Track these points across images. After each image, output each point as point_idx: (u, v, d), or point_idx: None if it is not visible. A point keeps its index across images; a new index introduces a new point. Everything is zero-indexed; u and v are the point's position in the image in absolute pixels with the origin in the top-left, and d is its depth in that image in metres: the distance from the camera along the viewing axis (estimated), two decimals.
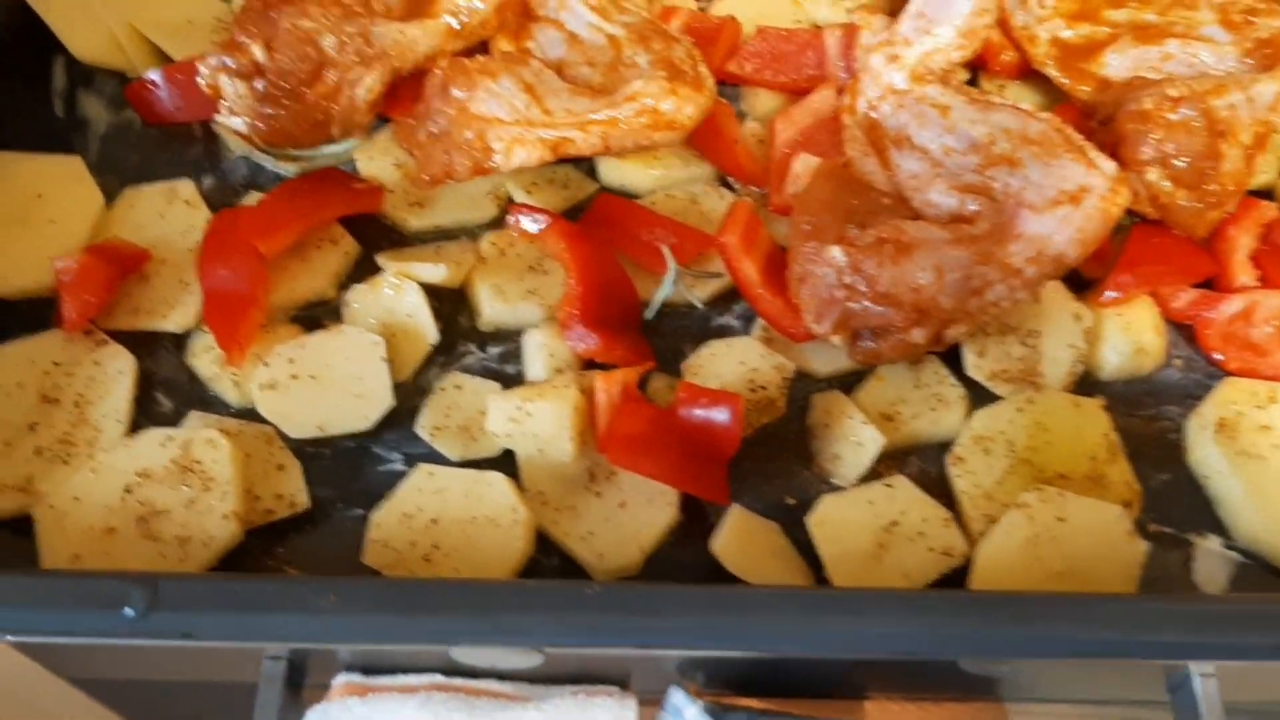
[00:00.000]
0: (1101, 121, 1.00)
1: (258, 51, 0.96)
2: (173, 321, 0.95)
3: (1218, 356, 0.96)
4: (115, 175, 1.06)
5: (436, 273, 0.96)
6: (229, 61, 0.97)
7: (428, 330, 0.95)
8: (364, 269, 0.99)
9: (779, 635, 0.73)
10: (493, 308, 0.96)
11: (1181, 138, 0.94)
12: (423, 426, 0.91)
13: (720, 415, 0.86)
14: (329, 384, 0.90)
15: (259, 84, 0.97)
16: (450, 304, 0.98)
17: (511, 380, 0.95)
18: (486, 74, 0.92)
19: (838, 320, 0.88)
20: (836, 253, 0.86)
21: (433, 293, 0.97)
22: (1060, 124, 0.93)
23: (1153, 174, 0.95)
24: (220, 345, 0.91)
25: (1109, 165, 0.89)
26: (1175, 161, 0.95)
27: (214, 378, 0.93)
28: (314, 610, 0.71)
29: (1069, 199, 0.88)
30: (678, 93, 0.94)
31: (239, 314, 0.91)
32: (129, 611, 0.69)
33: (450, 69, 0.92)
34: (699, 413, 0.86)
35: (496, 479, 0.87)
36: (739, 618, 0.72)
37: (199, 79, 1.00)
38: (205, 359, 0.93)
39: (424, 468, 0.88)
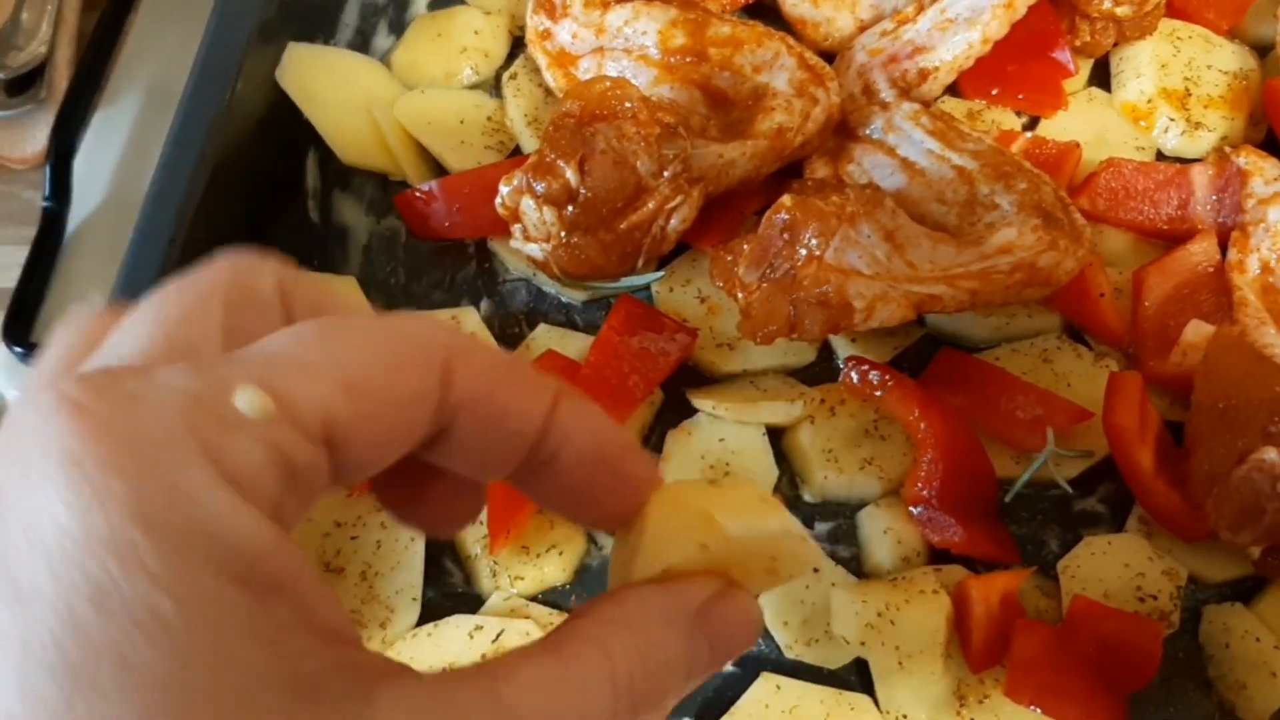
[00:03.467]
0: None
1: (571, 175, 0.85)
2: None
3: None
4: (380, 293, 0.95)
5: (783, 412, 0.85)
6: (536, 184, 0.86)
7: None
8: (667, 415, 0.88)
9: None
10: (826, 477, 0.84)
11: None
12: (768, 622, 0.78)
13: (1133, 643, 0.73)
14: None
15: (568, 210, 0.86)
16: None
17: (846, 566, 0.82)
18: (845, 219, 0.80)
19: (1262, 533, 0.75)
20: (1276, 457, 0.73)
21: None
22: None
23: None
24: (490, 530, 0.80)
25: None
26: None
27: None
28: None
29: None
30: (1057, 245, 0.82)
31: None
32: None
33: (800, 209, 0.80)
34: (1103, 637, 0.74)
35: (863, 703, 0.75)
36: None
37: (497, 201, 0.89)
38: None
39: (769, 679, 0.75)
